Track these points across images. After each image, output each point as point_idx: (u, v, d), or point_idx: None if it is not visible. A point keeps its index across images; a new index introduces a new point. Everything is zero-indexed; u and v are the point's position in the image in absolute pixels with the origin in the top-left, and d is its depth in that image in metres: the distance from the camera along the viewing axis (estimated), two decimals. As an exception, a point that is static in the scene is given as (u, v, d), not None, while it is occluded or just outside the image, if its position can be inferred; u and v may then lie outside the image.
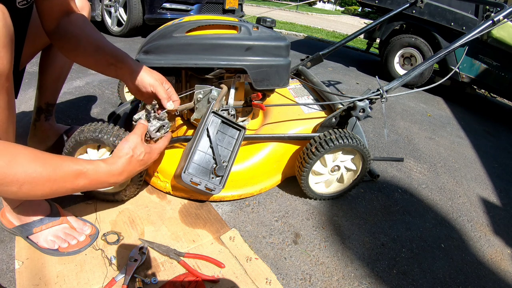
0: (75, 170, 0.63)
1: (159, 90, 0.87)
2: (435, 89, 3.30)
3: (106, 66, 0.83)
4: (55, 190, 0.61)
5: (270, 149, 1.15)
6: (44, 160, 0.59)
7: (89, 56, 0.82)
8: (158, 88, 0.87)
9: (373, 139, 1.90)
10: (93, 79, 2.01)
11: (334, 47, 1.63)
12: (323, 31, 7.16)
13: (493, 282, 1.05)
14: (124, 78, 0.86)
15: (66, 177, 0.61)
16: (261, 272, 0.88)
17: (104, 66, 0.84)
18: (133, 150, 0.75)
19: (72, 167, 0.62)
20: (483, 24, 1.21)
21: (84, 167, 0.64)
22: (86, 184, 0.66)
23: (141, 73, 0.85)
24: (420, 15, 2.97)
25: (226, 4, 3.54)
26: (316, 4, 20.90)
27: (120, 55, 0.84)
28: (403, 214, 1.28)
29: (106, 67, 0.84)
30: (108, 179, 0.70)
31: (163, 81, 0.89)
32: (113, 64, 0.83)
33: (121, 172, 0.73)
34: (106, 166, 0.69)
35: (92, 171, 0.66)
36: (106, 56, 0.82)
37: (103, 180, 0.69)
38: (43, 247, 0.82)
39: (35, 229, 0.81)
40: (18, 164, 0.54)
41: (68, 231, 0.85)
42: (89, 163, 0.66)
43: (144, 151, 0.78)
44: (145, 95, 0.90)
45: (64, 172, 0.61)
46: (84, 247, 0.84)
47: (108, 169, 0.69)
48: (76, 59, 0.85)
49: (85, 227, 0.88)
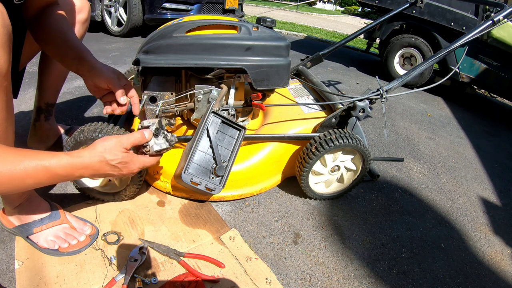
0: (36, 165, 0.60)
1: (114, 84, 0.85)
2: (435, 89, 3.30)
3: (70, 60, 0.85)
4: (16, 185, 0.60)
5: (270, 149, 1.15)
6: (2, 157, 0.57)
7: (56, 47, 0.84)
8: (114, 82, 0.85)
9: (373, 139, 1.90)
10: (93, 79, 2.01)
11: (334, 47, 1.63)
12: (323, 31, 7.16)
13: (493, 282, 1.05)
14: (83, 74, 0.85)
15: (27, 173, 0.59)
16: (261, 272, 0.88)
17: (68, 60, 0.85)
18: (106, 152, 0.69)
19: (33, 162, 0.60)
20: (483, 24, 1.21)
21: (46, 162, 0.61)
22: (49, 178, 0.63)
23: (98, 69, 0.85)
24: (420, 15, 2.97)
25: (226, 4, 3.54)
26: (316, 4, 20.90)
27: (83, 51, 0.85)
28: (403, 214, 1.28)
29: (70, 61, 0.85)
30: (72, 172, 0.66)
31: (119, 76, 0.88)
32: (76, 59, 0.84)
33: (85, 166, 0.68)
34: (69, 159, 0.65)
35: (54, 164, 0.63)
36: (71, 50, 0.84)
37: (67, 173, 0.66)
38: (43, 247, 0.82)
39: (35, 229, 0.81)
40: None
41: (68, 231, 0.85)
42: (51, 156, 0.63)
43: (120, 159, 0.71)
44: (101, 92, 0.88)
45: (24, 168, 0.58)
46: (84, 247, 0.84)
47: (71, 162, 0.65)
48: (45, 48, 0.88)
49: (85, 227, 0.88)
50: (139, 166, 0.76)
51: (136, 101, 0.91)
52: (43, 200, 0.86)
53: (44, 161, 0.61)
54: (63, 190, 1.05)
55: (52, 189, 1.04)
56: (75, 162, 0.65)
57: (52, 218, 0.84)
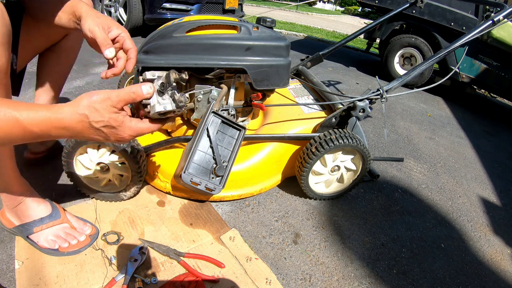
0: (9, 117, 0.50)
1: (98, 35, 0.70)
2: (435, 89, 3.30)
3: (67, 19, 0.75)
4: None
5: (270, 149, 1.15)
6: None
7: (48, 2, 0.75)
8: (97, 33, 0.70)
9: (373, 139, 1.90)
10: (93, 79, 2.01)
11: (334, 47, 1.63)
12: (323, 31, 7.16)
13: (493, 282, 1.05)
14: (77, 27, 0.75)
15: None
16: (261, 272, 0.88)
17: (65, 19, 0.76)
18: (90, 110, 0.54)
19: (6, 114, 0.50)
20: (483, 24, 1.21)
21: (17, 113, 0.51)
22: (20, 133, 0.52)
23: (88, 18, 0.72)
24: (420, 15, 2.97)
25: (226, 4, 3.54)
26: (316, 4, 20.89)
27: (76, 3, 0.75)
28: (403, 214, 1.28)
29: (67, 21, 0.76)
30: (48, 131, 0.54)
31: (110, 26, 0.73)
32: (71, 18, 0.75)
33: (63, 126, 0.55)
34: (46, 114, 0.53)
35: (28, 118, 0.52)
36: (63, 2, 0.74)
37: (41, 131, 0.54)
38: (43, 247, 0.82)
39: (35, 228, 0.81)
40: None
41: (68, 231, 0.85)
42: (26, 107, 0.52)
43: (105, 121, 0.56)
44: (91, 43, 0.74)
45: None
46: (84, 247, 0.84)
47: (48, 117, 0.53)
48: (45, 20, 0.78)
49: (85, 227, 0.88)
50: (131, 134, 0.60)
51: (132, 55, 0.74)
52: (43, 200, 0.86)
53: (16, 112, 0.50)
54: (63, 190, 1.05)
55: (52, 189, 1.05)
56: (53, 119, 0.53)
57: (53, 217, 0.84)
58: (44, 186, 1.05)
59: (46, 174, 1.10)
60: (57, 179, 1.09)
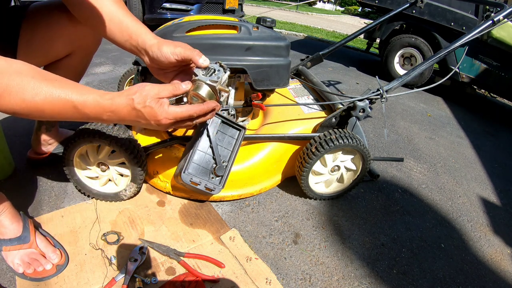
0: (63, 99, 0.56)
1: (187, 53, 0.71)
2: (435, 89, 3.30)
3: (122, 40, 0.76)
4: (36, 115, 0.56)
5: (270, 149, 1.15)
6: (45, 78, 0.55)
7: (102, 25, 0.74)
8: (185, 51, 0.71)
9: (373, 139, 1.90)
10: (93, 79, 2.01)
11: (334, 47, 1.63)
12: (323, 31, 7.16)
13: (493, 282, 1.05)
14: (140, 54, 0.76)
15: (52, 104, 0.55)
16: (261, 272, 0.88)
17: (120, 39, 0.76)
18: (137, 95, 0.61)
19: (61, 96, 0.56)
20: (483, 24, 1.21)
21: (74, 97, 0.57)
22: (77, 116, 0.59)
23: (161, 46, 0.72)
24: (420, 15, 2.97)
25: (226, 4, 3.54)
26: (316, 4, 20.89)
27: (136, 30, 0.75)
28: (403, 214, 1.28)
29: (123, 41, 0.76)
30: (101, 114, 0.60)
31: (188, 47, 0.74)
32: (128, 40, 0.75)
33: (113, 110, 0.61)
34: (97, 99, 0.59)
35: (83, 103, 0.58)
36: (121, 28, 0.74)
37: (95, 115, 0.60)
38: (10, 266, 0.79)
39: (4, 247, 0.78)
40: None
41: (35, 256, 0.80)
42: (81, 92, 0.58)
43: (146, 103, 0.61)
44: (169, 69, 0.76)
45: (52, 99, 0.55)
46: (48, 277, 0.78)
47: (98, 102, 0.59)
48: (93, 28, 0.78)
49: (53, 255, 0.82)
50: (166, 117, 0.63)
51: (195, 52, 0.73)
52: (17, 217, 0.81)
53: (73, 96, 0.56)
54: (63, 190, 1.05)
55: (52, 189, 1.05)
56: (104, 103, 0.59)
57: (21, 240, 0.80)
58: (44, 186, 1.05)
59: (47, 174, 1.10)
60: (57, 179, 1.09)
